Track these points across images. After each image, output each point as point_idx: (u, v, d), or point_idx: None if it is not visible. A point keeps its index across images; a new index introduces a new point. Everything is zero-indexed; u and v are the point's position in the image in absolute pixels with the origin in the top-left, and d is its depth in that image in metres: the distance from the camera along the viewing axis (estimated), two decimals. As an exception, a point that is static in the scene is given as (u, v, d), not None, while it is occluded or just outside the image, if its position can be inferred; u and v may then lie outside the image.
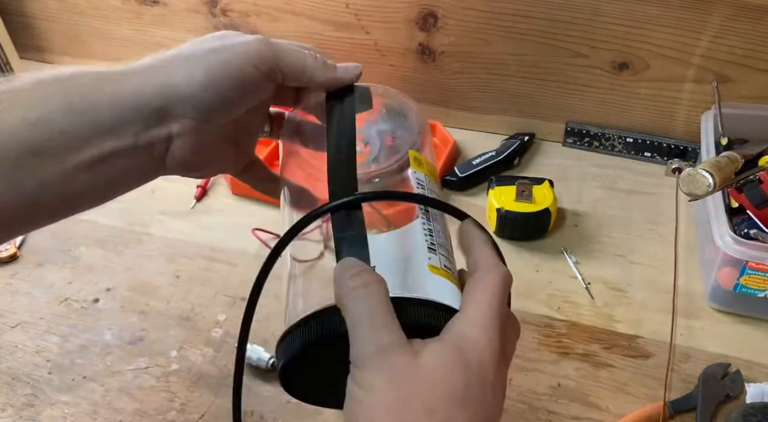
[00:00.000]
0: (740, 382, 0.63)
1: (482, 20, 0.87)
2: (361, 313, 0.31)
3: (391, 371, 0.30)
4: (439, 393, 0.30)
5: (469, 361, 0.31)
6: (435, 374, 0.30)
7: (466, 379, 0.31)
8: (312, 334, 0.33)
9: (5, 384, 0.64)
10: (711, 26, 0.80)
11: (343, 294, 0.32)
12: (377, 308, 0.31)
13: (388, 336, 0.30)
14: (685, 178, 0.65)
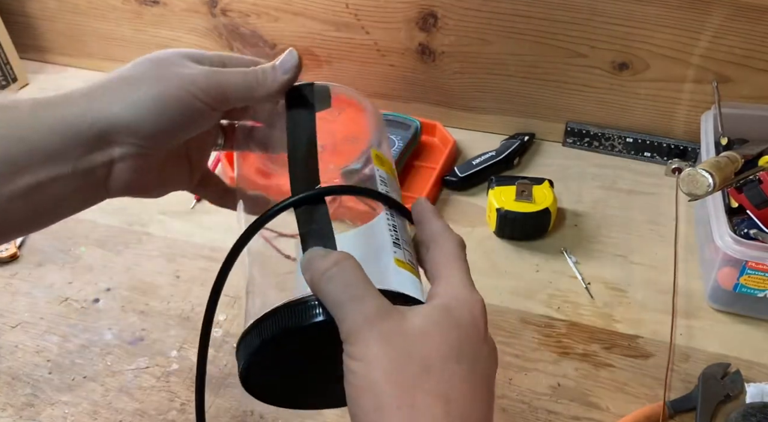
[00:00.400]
0: (740, 382, 0.63)
1: (482, 20, 0.87)
2: (340, 290, 0.31)
3: (382, 337, 0.30)
4: (434, 351, 0.30)
5: (459, 318, 0.32)
6: (426, 333, 0.31)
7: (458, 335, 0.31)
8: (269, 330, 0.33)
9: (5, 384, 0.64)
10: (710, 26, 0.80)
11: (316, 280, 0.32)
12: (354, 281, 0.31)
13: (372, 304, 0.31)
14: (685, 178, 0.65)
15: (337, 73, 0.99)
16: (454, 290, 0.33)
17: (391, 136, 0.87)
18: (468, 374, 0.31)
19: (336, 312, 0.31)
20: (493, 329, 0.71)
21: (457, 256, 0.35)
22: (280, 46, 0.99)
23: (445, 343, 0.31)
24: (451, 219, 0.83)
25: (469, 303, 0.33)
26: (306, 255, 0.34)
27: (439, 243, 0.36)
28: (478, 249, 0.79)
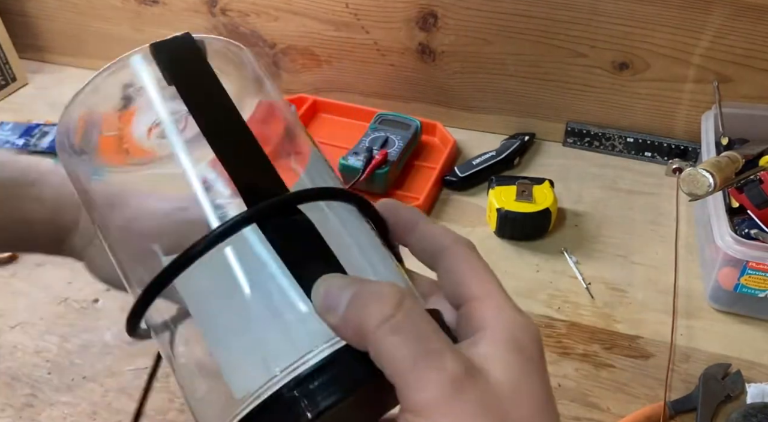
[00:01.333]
0: (740, 382, 0.63)
1: (482, 20, 0.87)
2: (414, 346, 0.23)
3: (476, 408, 0.23)
4: (531, 409, 0.24)
5: (532, 353, 0.25)
6: (519, 388, 0.24)
7: (539, 374, 0.25)
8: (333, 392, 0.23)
9: (5, 385, 0.64)
10: (711, 26, 0.80)
11: (372, 329, 0.23)
12: (426, 330, 0.24)
13: (453, 362, 0.23)
14: (685, 178, 0.65)
15: (337, 73, 0.99)
16: (505, 313, 0.26)
17: (391, 136, 0.87)
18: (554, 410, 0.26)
19: (407, 375, 0.23)
20: (493, 329, 0.70)
21: (482, 266, 0.29)
22: (280, 46, 0.99)
23: (536, 395, 0.25)
24: (451, 219, 0.83)
25: (530, 330, 0.26)
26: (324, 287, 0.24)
27: (450, 251, 0.29)
28: (478, 249, 0.78)
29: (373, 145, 0.85)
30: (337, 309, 0.23)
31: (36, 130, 0.98)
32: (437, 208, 0.85)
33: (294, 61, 1.00)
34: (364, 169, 0.81)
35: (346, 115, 0.98)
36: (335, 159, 0.86)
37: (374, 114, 0.92)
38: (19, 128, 0.98)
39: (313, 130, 0.97)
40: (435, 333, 0.24)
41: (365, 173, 0.81)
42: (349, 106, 0.98)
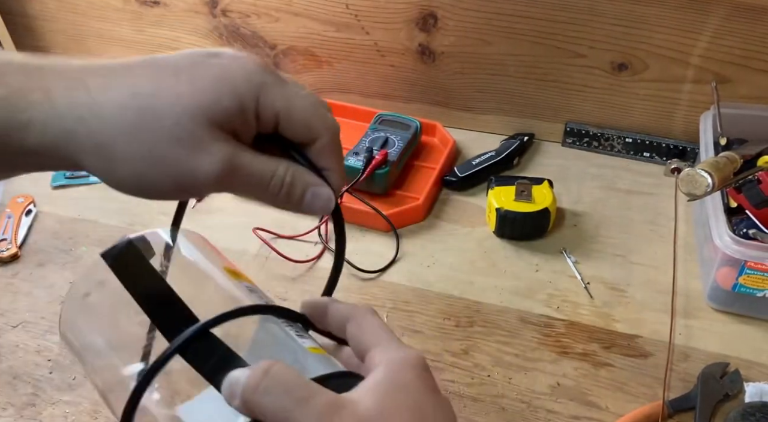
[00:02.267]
0: (739, 382, 0.63)
1: (482, 20, 0.88)
2: (282, 399, 0.28)
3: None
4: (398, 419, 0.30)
5: (405, 381, 0.31)
6: (383, 410, 0.29)
7: (412, 398, 0.31)
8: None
9: (6, 384, 0.64)
10: (710, 26, 0.81)
11: (249, 398, 0.29)
12: (292, 383, 0.29)
13: (320, 400, 0.29)
14: (684, 178, 0.65)
15: (337, 74, 0.99)
16: (387, 354, 0.32)
17: (391, 136, 0.87)
18: None
19: None
20: (493, 329, 0.71)
21: (375, 324, 0.34)
22: (281, 47, 0.99)
23: (404, 411, 0.30)
24: (451, 219, 0.83)
25: (408, 362, 0.32)
26: (225, 383, 0.30)
27: (353, 319, 0.35)
28: (478, 249, 0.79)
29: (373, 145, 0.85)
30: (234, 398, 0.29)
31: (37, 131, 0.98)
32: (437, 207, 0.85)
33: (294, 61, 1.00)
34: (364, 169, 0.82)
35: (346, 115, 0.98)
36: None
37: (374, 114, 0.93)
38: (20, 128, 0.98)
39: (313, 131, 0.97)
40: (301, 385, 0.29)
41: (365, 173, 0.81)
42: (349, 107, 0.98)
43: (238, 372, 0.30)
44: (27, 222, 0.82)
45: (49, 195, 0.87)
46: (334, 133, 0.36)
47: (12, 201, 0.84)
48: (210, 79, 0.32)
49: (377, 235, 0.81)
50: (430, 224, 0.83)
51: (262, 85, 0.33)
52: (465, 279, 0.75)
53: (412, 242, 0.80)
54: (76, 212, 0.84)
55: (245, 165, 0.33)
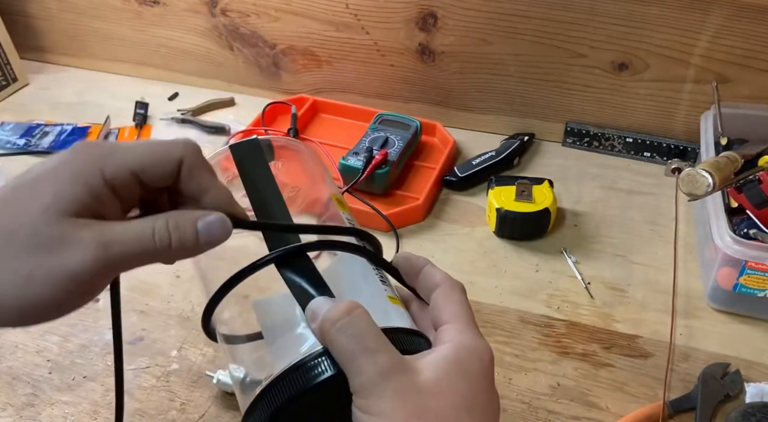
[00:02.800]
0: (739, 382, 0.63)
1: (482, 20, 0.87)
2: (353, 342, 0.30)
3: (397, 392, 0.30)
4: (447, 405, 0.30)
5: (469, 368, 0.32)
6: (440, 387, 0.31)
7: (469, 386, 0.31)
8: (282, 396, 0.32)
9: (6, 384, 0.64)
10: (710, 26, 0.80)
11: (326, 330, 0.31)
12: (367, 331, 0.31)
13: (385, 357, 0.30)
14: (684, 178, 0.65)
15: (337, 73, 0.99)
16: (462, 337, 0.33)
17: (391, 136, 0.87)
18: (476, 412, 0.31)
19: (348, 364, 0.30)
20: (493, 329, 0.71)
21: (462, 301, 0.36)
22: (280, 47, 0.99)
23: (458, 395, 0.31)
24: (451, 219, 0.83)
25: (479, 352, 0.33)
26: (311, 305, 0.33)
27: (442, 288, 0.36)
28: (478, 249, 0.79)
29: (373, 145, 0.85)
30: (315, 321, 0.32)
31: (37, 130, 0.98)
32: (437, 207, 0.85)
33: (294, 61, 1.00)
34: (364, 169, 0.81)
35: (346, 115, 0.98)
36: (335, 159, 0.86)
37: (374, 114, 0.92)
38: (19, 128, 0.98)
39: (313, 130, 0.97)
40: (374, 337, 0.31)
41: (365, 173, 0.81)
42: (349, 106, 0.98)
43: (322, 301, 0.32)
44: (26, 222, 0.82)
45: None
46: (192, 151, 0.33)
47: (11, 201, 0.84)
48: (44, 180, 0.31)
49: (377, 235, 0.80)
50: (430, 224, 0.83)
51: (98, 157, 0.31)
52: (465, 280, 0.74)
53: (412, 242, 0.80)
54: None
55: (118, 235, 0.31)
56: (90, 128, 0.99)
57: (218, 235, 0.33)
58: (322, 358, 0.32)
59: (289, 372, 0.32)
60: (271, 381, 0.32)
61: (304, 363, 0.32)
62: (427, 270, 0.38)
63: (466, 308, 0.35)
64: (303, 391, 0.31)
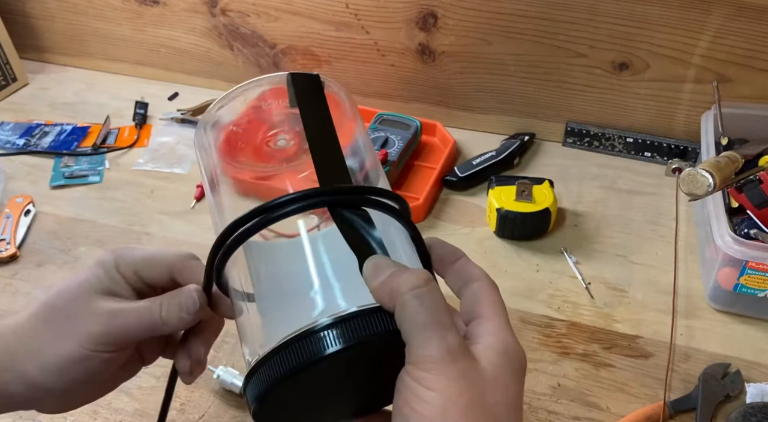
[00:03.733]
0: (740, 382, 0.63)
1: (482, 20, 0.87)
2: (429, 312, 0.30)
3: (463, 375, 0.30)
4: (503, 399, 0.30)
5: (516, 367, 0.32)
6: (497, 379, 0.31)
7: (517, 384, 0.32)
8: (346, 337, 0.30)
9: (5, 384, 0.64)
10: (711, 26, 0.80)
11: (402, 293, 0.30)
12: (442, 306, 0.31)
13: (455, 337, 0.30)
14: (685, 178, 0.65)
15: (337, 73, 0.99)
16: (504, 334, 0.33)
17: (391, 136, 0.87)
18: (520, 410, 0.32)
19: (417, 333, 0.30)
20: (493, 329, 0.70)
21: (500, 299, 0.35)
22: (280, 46, 0.99)
23: (510, 392, 0.31)
24: (451, 219, 0.83)
25: (519, 352, 0.33)
26: (377, 261, 0.32)
27: (484, 282, 0.36)
28: (478, 249, 0.79)
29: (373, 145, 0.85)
30: (380, 277, 0.31)
31: (36, 130, 0.98)
32: (437, 207, 0.85)
33: (294, 61, 1.00)
34: (364, 169, 0.81)
35: (346, 115, 0.98)
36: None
37: (374, 114, 0.92)
38: (19, 128, 0.98)
39: (313, 130, 0.97)
40: (448, 313, 0.30)
41: (365, 173, 0.81)
42: (349, 106, 0.98)
43: (389, 261, 0.32)
44: (26, 222, 0.82)
45: (47, 195, 0.87)
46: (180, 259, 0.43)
47: (11, 201, 0.84)
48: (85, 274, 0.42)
49: (377, 235, 0.81)
50: (430, 224, 0.83)
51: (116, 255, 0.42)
52: (465, 280, 0.75)
53: (413, 242, 0.79)
54: (74, 212, 0.84)
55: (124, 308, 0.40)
56: (90, 128, 0.99)
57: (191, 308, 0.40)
58: (382, 314, 0.30)
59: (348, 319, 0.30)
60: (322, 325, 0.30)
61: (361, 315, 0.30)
62: (464, 261, 0.37)
63: (505, 308, 0.35)
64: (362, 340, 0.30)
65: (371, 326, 0.30)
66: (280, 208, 0.33)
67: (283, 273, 0.36)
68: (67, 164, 0.92)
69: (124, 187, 0.88)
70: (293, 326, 0.31)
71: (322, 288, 0.33)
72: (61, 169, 0.91)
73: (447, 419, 0.29)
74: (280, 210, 0.33)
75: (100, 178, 0.90)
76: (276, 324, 0.33)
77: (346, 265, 0.33)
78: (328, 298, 0.33)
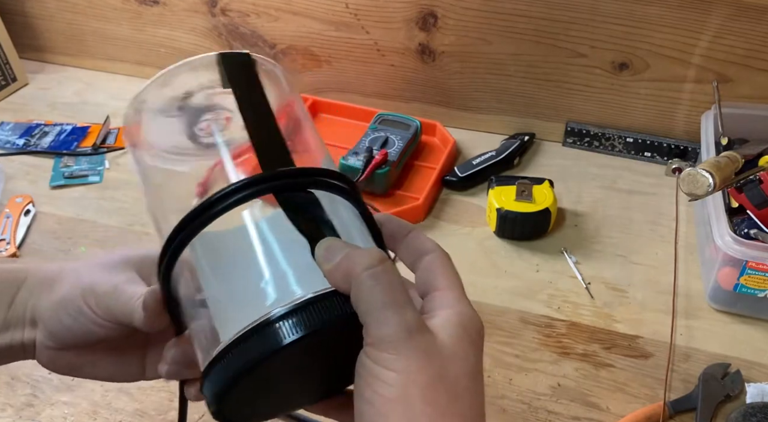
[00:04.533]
0: (740, 382, 0.63)
1: (482, 20, 0.87)
2: (384, 292, 0.29)
3: (423, 352, 0.29)
4: (462, 371, 0.30)
5: (473, 336, 0.32)
6: (456, 352, 0.30)
7: (475, 354, 0.31)
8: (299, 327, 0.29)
9: (5, 384, 0.64)
10: (711, 26, 0.80)
11: (357, 274, 0.30)
12: (398, 285, 0.30)
13: (413, 314, 0.30)
14: (685, 178, 0.65)
15: (337, 73, 0.99)
16: (460, 305, 0.33)
17: (391, 136, 0.87)
18: (481, 391, 0.32)
19: (375, 313, 0.29)
20: (493, 329, 0.71)
21: (454, 269, 0.35)
22: (280, 46, 0.99)
23: (469, 363, 0.31)
24: (451, 219, 0.83)
25: (475, 321, 0.33)
26: (328, 244, 0.31)
27: (437, 254, 0.35)
28: (478, 249, 0.79)
29: (373, 145, 0.85)
30: (333, 259, 0.30)
31: (36, 130, 0.98)
32: (437, 207, 0.85)
33: (294, 61, 1.00)
34: (364, 169, 0.81)
35: (346, 115, 0.98)
36: (335, 159, 0.86)
37: (374, 114, 0.92)
38: (19, 128, 0.98)
39: (313, 130, 0.97)
40: (404, 291, 0.30)
41: (365, 173, 0.81)
42: (349, 106, 0.98)
43: (341, 243, 0.31)
44: (26, 222, 0.82)
45: (47, 195, 0.87)
46: None
47: (11, 201, 0.84)
48: None
49: (377, 235, 0.81)
50: (430, 224, 0.83)
51: None
52: (465, 280, 0.74)
53: (412, 242, 0.79)
54: (74, 212, 0.84)
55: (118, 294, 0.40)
56: (89, 128, 0.99)
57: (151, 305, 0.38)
58: (337, 298, 0.30)
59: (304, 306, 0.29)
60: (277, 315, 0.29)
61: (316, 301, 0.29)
62: (416, 234, 0.36)
63: (459, 278, 0.35)
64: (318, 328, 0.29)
65: (327, 312, 0.30)
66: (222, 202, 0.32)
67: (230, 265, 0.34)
68: (67, 164, 0.92)
69: (124, 187, 0.88)
70: (246, 320, 0.30)
71: (273, 277, 0.32)
72: (61, 169, 0.91)
73: (409, 397, 0.29)
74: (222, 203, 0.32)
75: (100, 178, 0.90)
76: (229, 322, 0.31)
77: (296, 250, 0.32)
78: (281, 287, 0.31)
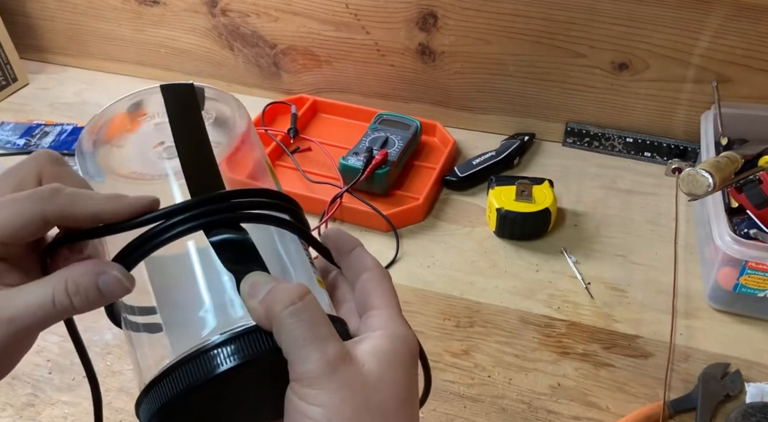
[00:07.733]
0: (740, 382, 0.63)
1: (482, 20, 0.87)
2: (305, 328, 0.30)
3: (344, 384, 0.29)
4: (389, 396, 0.31)
5: (403, 358, 0.32)
6: (382, 379, 0.31)
7: (405, 376, 0.32)
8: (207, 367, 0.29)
9: (5, 384, 0.64)
10: (710, 26, 0.80)
11: (277, 312, 0.30)
12: (319, 319, 0.30)
13: (334, 347, 0.30)
14: (684, 178, 0.65)
15: (337, 74, 0.99)
16: (393, 325, 0.33)
17: (391, 136, 0.87)
18: (415, 414, 0.32)
19: (296, 350, 0.29)
20: (493, 329, 0.71)
21: (391, 289, 0.35)
22: (280, 47, 0.99)
23: (399, 387, 0.31)
24: (451, 219, 0.83)
25: (409, 340, 0.33)
26: (253, 280, 0.31)
27: (373, 273, 0.36)
28: (478, 249, 0.79)
29: (373, 145, 0.85)
30: (257, 296, 0.30)
31: (37, 130, 0.98)
32: (437, 207, 0.85)
33: (294, 61, 1.00)
34: (364, 169, 0.81)
35: (346, 115, 0.98)
36: (335, 159, 0.86)
37: (374, 114, 0.92)
38: (19, 128, 0.98)
39: (313, 130, 0.97)
40: (325, 325, 0.30)
41: (365, 173, 0.81)
42: (349, 106, 0.98)
43: (265, 278, 0.31)
44: (26, 222, 0.82)
45: (48, 195, 0.87)
46: None
47: (11, 201, 0.84)
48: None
49: (377, 235, 0.81)
50: (430, 224, 0.83)
51: None
52: (465, 280, 0.75)
53: (412, 242, 0.80)
54: (75, 212, 0.84)
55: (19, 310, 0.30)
56: (90, 128, 0.99)
57: (118, 292, 0.32)
58: (261, 334, 0.30)
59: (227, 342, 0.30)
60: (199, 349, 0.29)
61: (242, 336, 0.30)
62: (358, 252, 0.37)
63: (395, 296, 0.35)
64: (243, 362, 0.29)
65: (254, 345, 0.30)
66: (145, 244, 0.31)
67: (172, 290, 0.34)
68: (67, 164, 0.92)
69: (124, 187, 0.88)
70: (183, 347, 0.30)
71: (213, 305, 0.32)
72: (62, 169, 0.91)
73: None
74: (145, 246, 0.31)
75: (101, 178, 0.90)
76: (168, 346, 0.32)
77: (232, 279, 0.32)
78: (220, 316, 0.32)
